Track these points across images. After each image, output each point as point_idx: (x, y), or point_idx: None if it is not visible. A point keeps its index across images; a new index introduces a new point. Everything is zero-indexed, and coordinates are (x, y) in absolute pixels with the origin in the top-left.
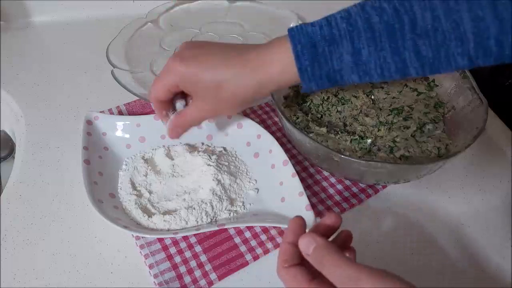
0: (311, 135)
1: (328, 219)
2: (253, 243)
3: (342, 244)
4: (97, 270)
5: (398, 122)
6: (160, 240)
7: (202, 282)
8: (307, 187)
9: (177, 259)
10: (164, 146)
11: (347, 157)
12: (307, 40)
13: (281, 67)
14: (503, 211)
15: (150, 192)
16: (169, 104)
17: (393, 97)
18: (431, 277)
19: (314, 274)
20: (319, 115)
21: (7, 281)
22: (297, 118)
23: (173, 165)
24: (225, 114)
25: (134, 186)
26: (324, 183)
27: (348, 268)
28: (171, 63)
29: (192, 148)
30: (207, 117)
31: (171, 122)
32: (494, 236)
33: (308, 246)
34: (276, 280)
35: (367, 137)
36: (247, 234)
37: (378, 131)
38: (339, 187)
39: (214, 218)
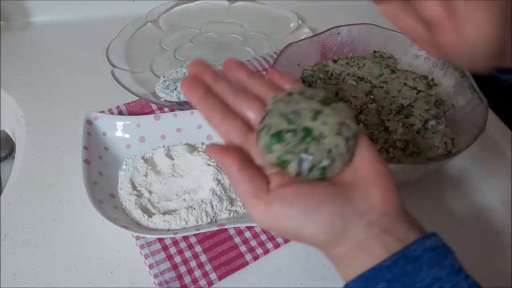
0: None
1: None
2: (253, 243)
3: None
4: (97, 270)
5: (400, 120)
6: (160, 240)
7: (202, 282)
8: None
9: (177, 259)
10: (164, 146)
11: None
12: None
13: None
14: (503, 211)
15: (150, 192)
16: None
17: (393, 96)
18: None
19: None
20: None
21: (7, 281)
22: None
23: (173, 165)
24: None
25: (134, 186)
26: None
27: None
28: None
29: (192, 148)
30: None
31: None
32: (494, 236)
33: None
34: (276, 280)
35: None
36: (247, 234)
37: (379, 133)
38: None
39: (214, 218)
